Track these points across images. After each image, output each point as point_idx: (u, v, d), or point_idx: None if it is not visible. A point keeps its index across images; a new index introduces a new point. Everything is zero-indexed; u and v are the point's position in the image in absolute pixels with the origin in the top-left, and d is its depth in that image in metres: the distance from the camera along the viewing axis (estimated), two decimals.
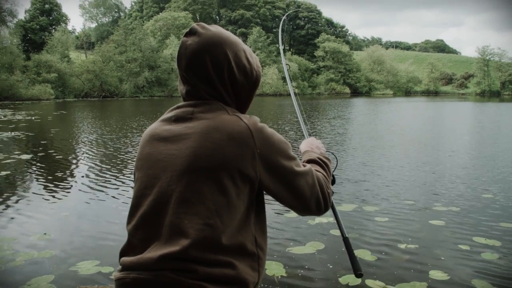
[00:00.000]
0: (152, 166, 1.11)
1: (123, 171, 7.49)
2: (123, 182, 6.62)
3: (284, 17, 2.18)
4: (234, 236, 1.06)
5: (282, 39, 1.83)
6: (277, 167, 1.11)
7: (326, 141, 11.67)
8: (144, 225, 1.08)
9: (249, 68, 1.18)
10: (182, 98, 1.20)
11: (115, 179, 6.85)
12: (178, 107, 1.17)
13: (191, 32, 1.14)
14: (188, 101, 1.16)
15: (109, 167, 7.97)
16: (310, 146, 1.44)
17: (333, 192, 1.30)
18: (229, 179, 1.04)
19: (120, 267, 1.10)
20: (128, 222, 1.14)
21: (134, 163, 1.22)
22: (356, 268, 1.36)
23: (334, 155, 1.39)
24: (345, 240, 1.44)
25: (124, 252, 1.12)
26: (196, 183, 1.04)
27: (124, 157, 8.99)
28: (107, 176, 7.16)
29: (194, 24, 1.15)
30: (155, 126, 1.18)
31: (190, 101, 1.16)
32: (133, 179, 1.32)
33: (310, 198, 1.18)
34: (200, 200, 1.03)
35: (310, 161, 1.32)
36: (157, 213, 1.06)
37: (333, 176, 1.37)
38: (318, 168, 1.28)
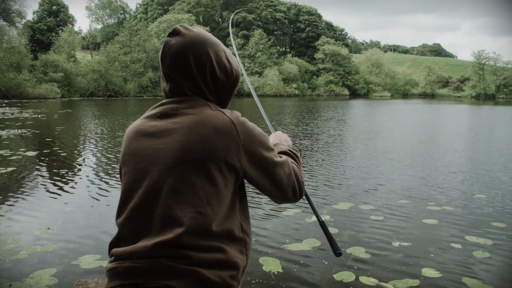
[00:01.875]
0: (140, 160, 1.15)
1: None
2: None
3: (232, 16, 2.29)
4: (223, 223, 1.12)
5: (232, 35, 1.91)
6: (259, 158, 1.17)
7: (320, 142, 11.73)
8: (135, 217, 1.12)
9: (229, 67, 1.24)
10: (165, 95, 1.25)
11: (118, 176, 6.94)
12: (162, 104, 1.21)
13: (175, 33, 1.19)
14: (171, 98, 1.21)
15: (113, 164, 8.07)
16: (278, 139, 1.50)
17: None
18: (216, 170, 1.10)
19: (111, 258, 1.13)
20: (118, 216, 1.17)
21: None
22: (335, 248, 1.43)
23: (298, 148, 1.48)
24: (322, 224, 1.51)
25: (114, 244, 1.15)
26: (186, 175, 1.08)
27: None
28: (111, 172, 7.27)
29: (177, 25, 1.20)
30: (140, 123, 1.22)
31: (174, 98, 1.21)
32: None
33: (288, 186, 1.25)
34: (191, 190, 1.08)
35: (281, 153, 1.37)
36: (148, 205, 1.10)
37: None
38: (291, 159, 1.35)
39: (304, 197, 1.38)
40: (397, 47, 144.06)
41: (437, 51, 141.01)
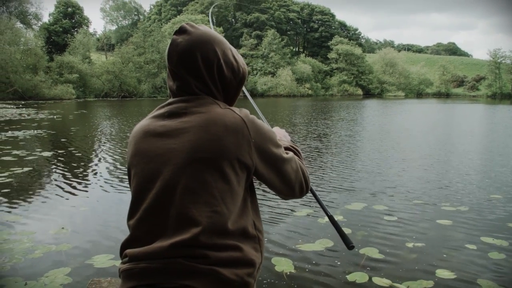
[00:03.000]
0: (151, 161, 1.14)
1: None
2: None
3: (211, 8, 2.30)
4: (237, 221, 1.12)
5: (212, 24, 1.91)
6: (269, 155, 1.18)
7: (331, 142, 11.66)
8: (149, 218, 1.11)
9: (236, 66, 1.24)
10: (172, 94, 1.24)
11: None
12: (169, 103, 1.20)
13: (181, 31, 1.18)
14: (179, 97, 1.20)
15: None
16: (278, 135, 1.49)
17: None
18: (229, 168, 1.10)
19: (125, 259, 1.12)
20: (130, 217, 1.16)
21: None
22: (347, 242, 1.42)
23: (295, 144, 1.48)
24: (331, 218, 1.49)
25: (127, 245, 1.15)
26: (200, 173, 1.08)
27: None
28: (125, 173, 7.31)
29: (183, 24, 1.20)
30: (147, 123, 1.20)
31: (181, 96, 1.20)
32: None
33: (295, 182, 1.27)
34: (206, 189, 1.08)
35: (285, 149, 1.36)
36: (162, 205, 1.09)
37: None
38: (295, 155, 1.35)
39: (310, 192, 1.38)
40: (411, 46, 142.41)
41: (452, 50, 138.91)
